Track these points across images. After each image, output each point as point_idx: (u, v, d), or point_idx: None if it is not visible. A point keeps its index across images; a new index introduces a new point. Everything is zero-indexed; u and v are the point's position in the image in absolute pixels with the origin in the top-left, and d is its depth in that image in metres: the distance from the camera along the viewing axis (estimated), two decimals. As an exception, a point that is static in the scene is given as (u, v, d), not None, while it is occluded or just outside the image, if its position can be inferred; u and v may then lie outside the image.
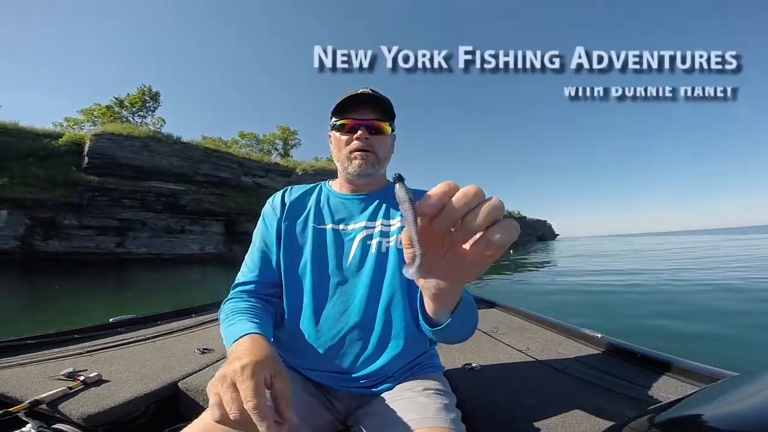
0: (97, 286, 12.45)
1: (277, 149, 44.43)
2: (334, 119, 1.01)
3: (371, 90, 1.01)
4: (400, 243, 0.80)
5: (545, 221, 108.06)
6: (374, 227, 0.99)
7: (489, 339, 1.74)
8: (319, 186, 1.11)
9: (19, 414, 0.97)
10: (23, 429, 0.96)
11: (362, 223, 1.00)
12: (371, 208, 1.02)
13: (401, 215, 0.83)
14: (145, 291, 11.74)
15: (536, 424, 0.94)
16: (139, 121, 32.85)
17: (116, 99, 32.21)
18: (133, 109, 32.91)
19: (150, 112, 33.71)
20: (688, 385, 1.12)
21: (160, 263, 23.37)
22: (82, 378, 1.16)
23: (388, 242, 0.97)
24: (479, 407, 1.05)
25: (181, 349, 1.54)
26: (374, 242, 0.97)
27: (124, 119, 31.81)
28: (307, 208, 1.05)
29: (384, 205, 1.03)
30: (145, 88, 33.19)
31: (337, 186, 1.08)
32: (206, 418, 0.70)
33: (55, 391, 1.05)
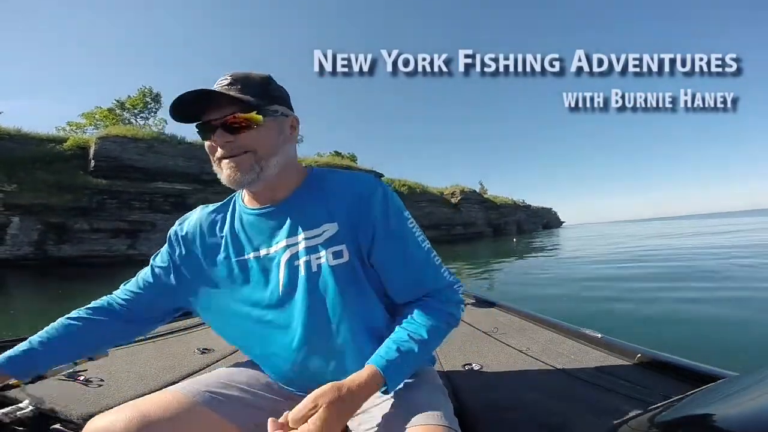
0: (108, 289, 12.58)
1: (280, 146, 44.48)
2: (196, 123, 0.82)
3: (231, 76, 0.79)
4: (333, 256, 0.81)
5: (550, 209, 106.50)
6: (297, 243, 0.83)
7: (489, 339, 1.74)
8: (232, 202, 0.94)
9: (19, 414, 0.98)
10: (23, 429, 0.98)
11: (283, 242, 0.83)
12: (289, 220, 0.84)
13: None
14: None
15: (536, 424, 0.94)
16: (142, 122, 32.88)
17: (117, 101, 32.18)
18: (135, 111, 32.91)
19: (152, 114, 33.70)
20: (688, 385, 1.10)
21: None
22: (82, 378, 1.17)
23: (318, 258, 0.81)
24: (479, 407, 1.05)
25: (181, 349, 1.54)
26: (302, 261, 0.81)
27: (126, 121, 31.81)
28: (223, 235, 0.89)
29: (302, 213, 0.84)
30: (146, 89, 33.14)
31: (247, 198, 0.90)
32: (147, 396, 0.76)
33: (55, 391, 1.06)
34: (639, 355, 1.33)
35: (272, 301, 0.83)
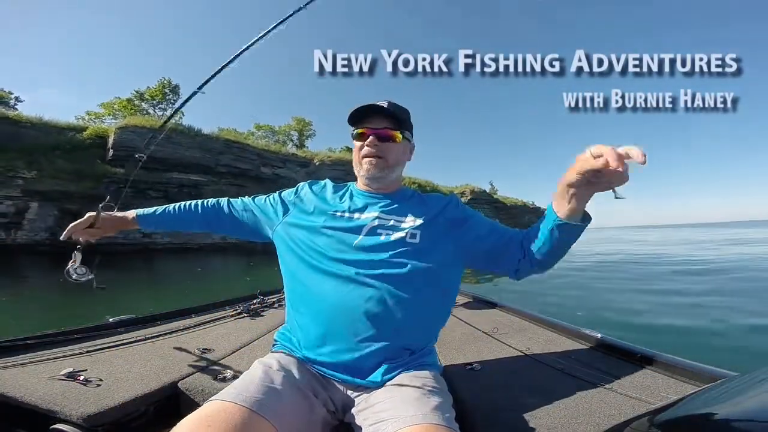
0: (127, 277, 12.71)
1: (292, 140, 44.50)
2: (352, 128, 1.14)
3: (388, 102, 1.12)
4: (410, 236, 1.06)
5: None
6: (387, 220, 1.09)
7: (489, 339, 1.74)
8: (348, 185, 1.25)
9: (19, 414, 1.00)
10: (23, 429, 0.99)
11: (375, 214, 1.10)
12: (385, 203, 1.14)
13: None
14: (173, 281, 12.08)
15: (536, 424, 0.94)
16: (160, 113, 33.24)
17: (137, 92, 32.56)
18: (154, 102, 33.30)
19: (170, 105, 34.07)
20: (688, 385, 1.12)
21: (184, 252, 23.93)
22: (82, 378, 1.17)
23: (398, 233, 1.05)
24: (479, 407, 1.06)
25: (182, 349, 1.55)
26: (384, 231, 1.06)
27: (144, 112, 32.19)
28: (335, 199, 1.18)
29: (397, 204, 1.14)
30: (165, 81, 33.47)
31: (359, 185, 1.21)
32: (206, 408, 0.75)
33: (55, 391, 1.07)
34: (639, 355, 1.33)
35: (347, 250, 1.04)
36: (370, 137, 1.10)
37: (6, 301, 7.94)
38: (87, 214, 1.34)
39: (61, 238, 1.28)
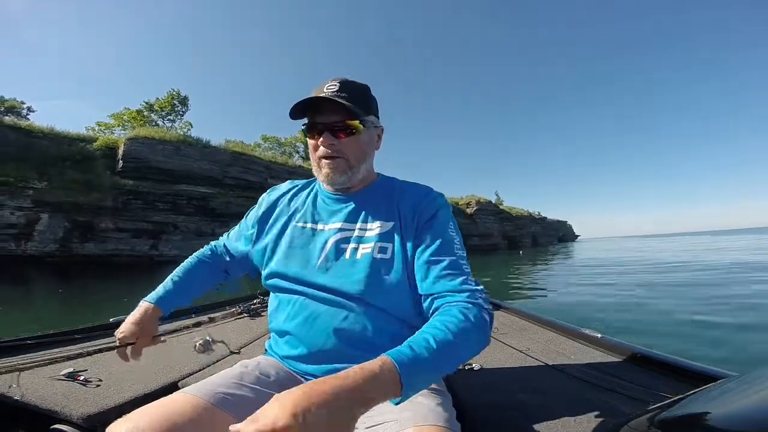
0: (130, 288, 12.74)
1: (298, 152, 44.69)
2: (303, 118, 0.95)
3: (339, 82, 0.90)
4: (379, 251, 0.90)
5: (566, 222, 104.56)
6: (351, 230, 0.94)
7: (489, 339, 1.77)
8: (313, 184, 1.09)
9: (19, 414, 0.99)
10: (23, 429, 1.00)
11: (338, 224, 0.95)
12: (351, 209, 0.97)
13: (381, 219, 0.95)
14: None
15: (536, 424, 0.94)
16: (169, 125, 33.31)
17: (146, 103, 32.83)
18: (163, 113, 33.42)
19: (179, 116, 34.15)
20: (688, 385, 1.09)
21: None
22: (82, 378, 1.17)
23: (365, 248, 0.91)
24: (479, 407, 1.05)
25: (181, 349, 1.53)
26: (349, 247, 0.92)
27: (153, 123, 32.34)
28: (296, 205, 1.04)
29: (365, 206, 0.98)
30: (175, 92, 33.70)
31: (324, 185, 1.03)
32: (167, 397, 0.74)
33: (55, 391, 1.07)
34: (639, 355, 1.32)
35: (309, 267, 0.92)
36: (324, 135, 0.90)
37: (8, 310, 8.17)
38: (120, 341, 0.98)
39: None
